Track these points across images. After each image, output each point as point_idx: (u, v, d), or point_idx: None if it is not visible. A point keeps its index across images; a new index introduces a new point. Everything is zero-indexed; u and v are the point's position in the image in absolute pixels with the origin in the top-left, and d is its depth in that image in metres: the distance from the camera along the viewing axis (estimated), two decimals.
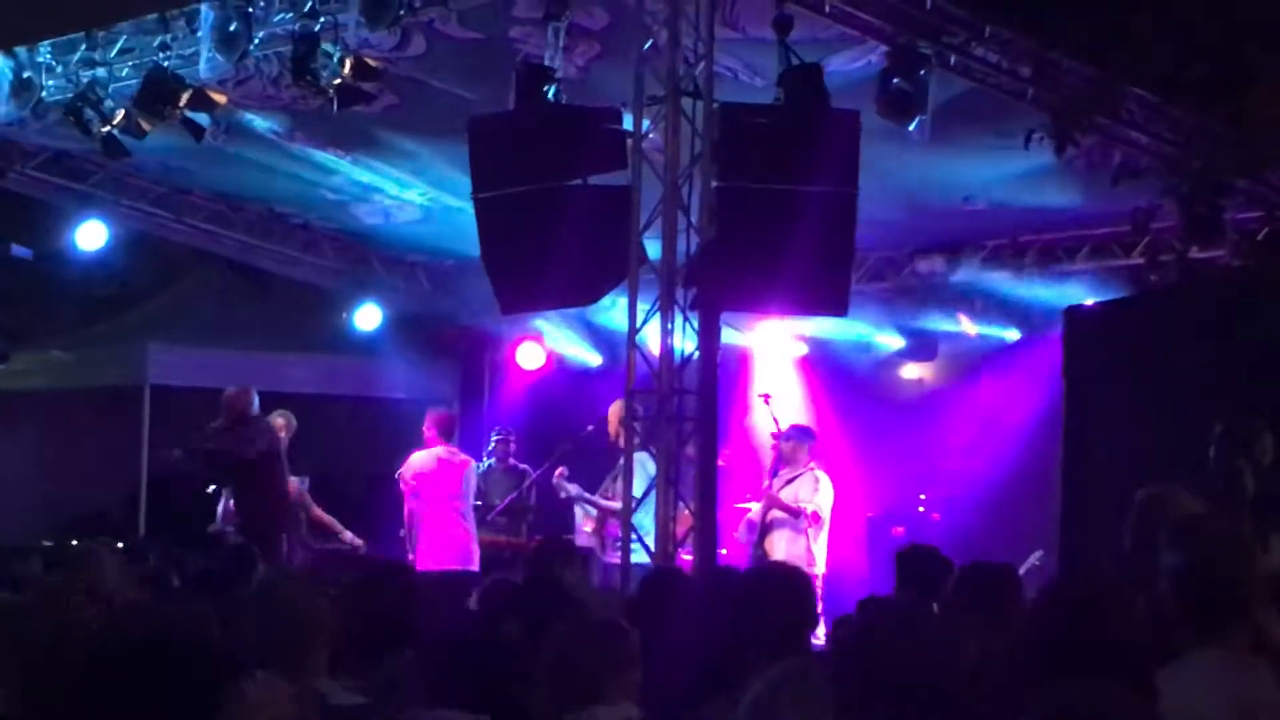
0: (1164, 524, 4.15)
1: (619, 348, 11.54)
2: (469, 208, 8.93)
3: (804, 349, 14.41)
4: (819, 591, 10.10)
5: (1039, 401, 12.58)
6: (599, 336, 14.79)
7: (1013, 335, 13.52)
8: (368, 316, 15.37)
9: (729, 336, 9.90)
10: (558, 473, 12.18)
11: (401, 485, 12.18)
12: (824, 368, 14.45)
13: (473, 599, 7.00)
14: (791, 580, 5.36)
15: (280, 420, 11.91)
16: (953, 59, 8.97)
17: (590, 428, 12.32)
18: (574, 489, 12.06)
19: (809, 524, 11.50)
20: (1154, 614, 3.74)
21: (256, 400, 11.54)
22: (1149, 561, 4.33)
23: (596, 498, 11.83)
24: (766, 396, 12.54)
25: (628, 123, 8.65)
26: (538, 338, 15.37)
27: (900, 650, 3.38)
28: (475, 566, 11.87)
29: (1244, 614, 3.75)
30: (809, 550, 11.39)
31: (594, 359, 15.25)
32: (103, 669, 2.83)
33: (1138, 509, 5.21)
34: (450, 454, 12.21)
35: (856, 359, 14.32)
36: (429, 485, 12.04)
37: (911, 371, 14.41)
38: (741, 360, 14.02)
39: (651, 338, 8.67)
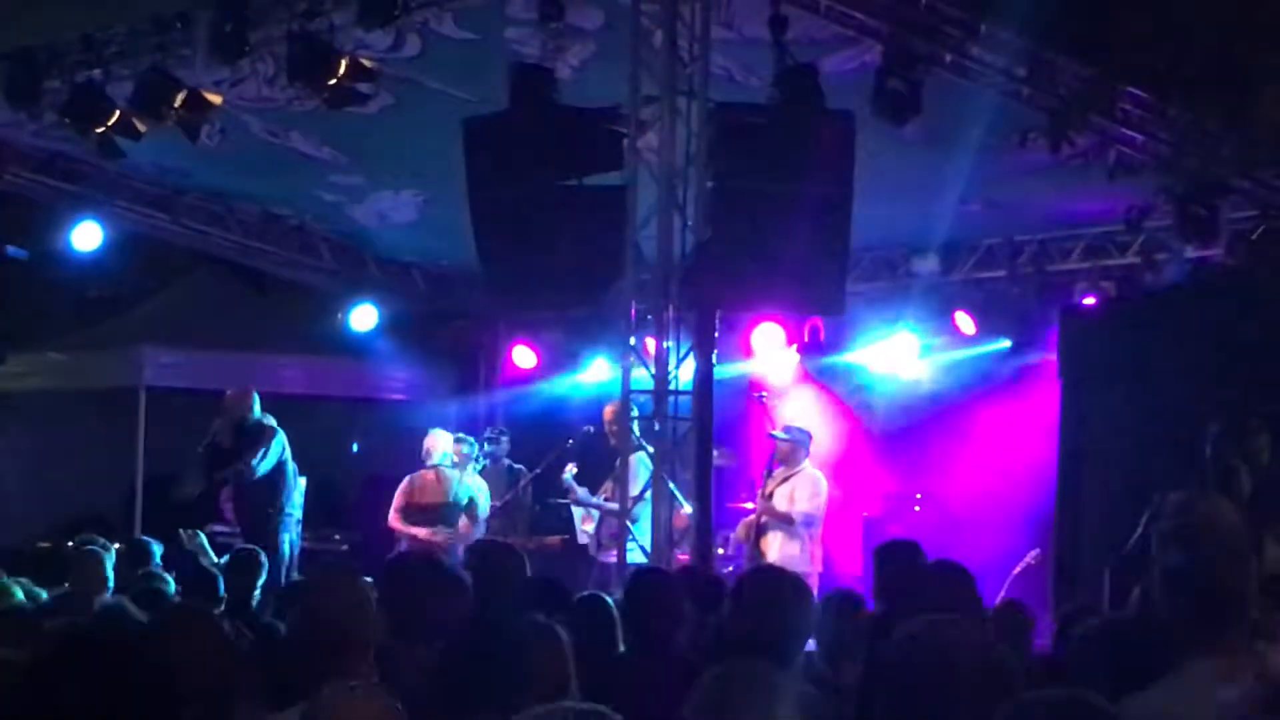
0: (1161, 527, 4.10)
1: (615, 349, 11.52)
2: (464, 209, 8.92)
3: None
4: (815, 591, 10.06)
5: (1035, 401, 12.57)
6: (595, 339, 14.73)
7: (1008, 335, 13.49)
8: (363, 317, 15.33)
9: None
10: (567, 468, 12.17)
11: None
12: (822, 368, 14.42)
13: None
14: (787, 585, 5.31)
15: None
16: (948, 58, 8.97)
17: (589, 428, 12.30)
18: (582, 492, 12.06)
19: (804, 528, 11.45)
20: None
21: (258, 402, 11.53)
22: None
23: (599, 500, 11.80)
24: (763, 396, 12.52)
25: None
26: (532, 337, 15.34)
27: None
28: None
29: (1241, 620, 3.71)
30: (803, 551, 11.33)
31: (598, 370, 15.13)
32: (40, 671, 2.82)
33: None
34: None
35: (854, 360, 14.28)
36: None
37: (908, 371, 14.37)
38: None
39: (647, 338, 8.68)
